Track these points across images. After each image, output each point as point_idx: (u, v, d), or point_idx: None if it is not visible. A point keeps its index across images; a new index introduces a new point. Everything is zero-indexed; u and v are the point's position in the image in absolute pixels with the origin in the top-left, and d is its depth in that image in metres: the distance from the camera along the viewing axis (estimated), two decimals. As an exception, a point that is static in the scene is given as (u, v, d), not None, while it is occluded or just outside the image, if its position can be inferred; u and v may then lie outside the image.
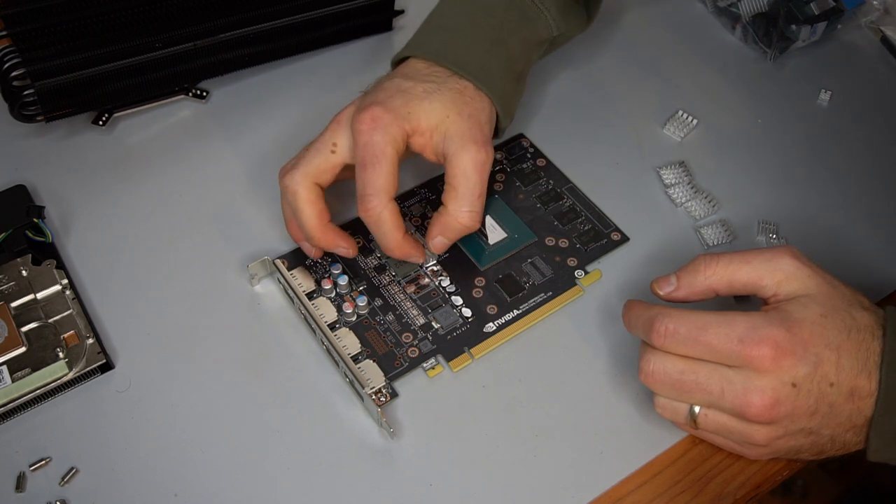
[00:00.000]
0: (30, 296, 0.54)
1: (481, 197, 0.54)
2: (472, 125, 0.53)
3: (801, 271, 0.47)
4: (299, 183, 0.53)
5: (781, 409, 0.45)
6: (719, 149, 0.65)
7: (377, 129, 0.52)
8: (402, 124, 0.52)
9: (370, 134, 0.51)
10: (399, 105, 0.53)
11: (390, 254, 0.54)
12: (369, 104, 0.53)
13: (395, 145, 0.52)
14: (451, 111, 0.53)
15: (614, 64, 0.71)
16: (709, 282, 0.48)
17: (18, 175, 0.62)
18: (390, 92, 0.53)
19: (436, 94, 0.53)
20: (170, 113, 0.67)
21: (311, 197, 0.53)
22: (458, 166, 0.53)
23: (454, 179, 0.53)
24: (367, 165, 0.51)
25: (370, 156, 0.51)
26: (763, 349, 0.44)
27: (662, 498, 0.50)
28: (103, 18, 0.60)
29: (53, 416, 0.52)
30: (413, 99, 0.53)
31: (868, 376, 0.45)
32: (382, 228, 0.53)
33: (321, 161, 0.53)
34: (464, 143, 0.53)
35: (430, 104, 0.53)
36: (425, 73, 0.55)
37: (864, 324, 0.46)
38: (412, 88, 0.54)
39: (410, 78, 0.55)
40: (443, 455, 0.51)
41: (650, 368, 0.47)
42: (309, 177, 0.53)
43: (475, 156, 0.53)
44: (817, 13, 0.69)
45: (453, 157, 0.53)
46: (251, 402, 0.52)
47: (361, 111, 0.52)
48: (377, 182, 0.51)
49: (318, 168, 0.53)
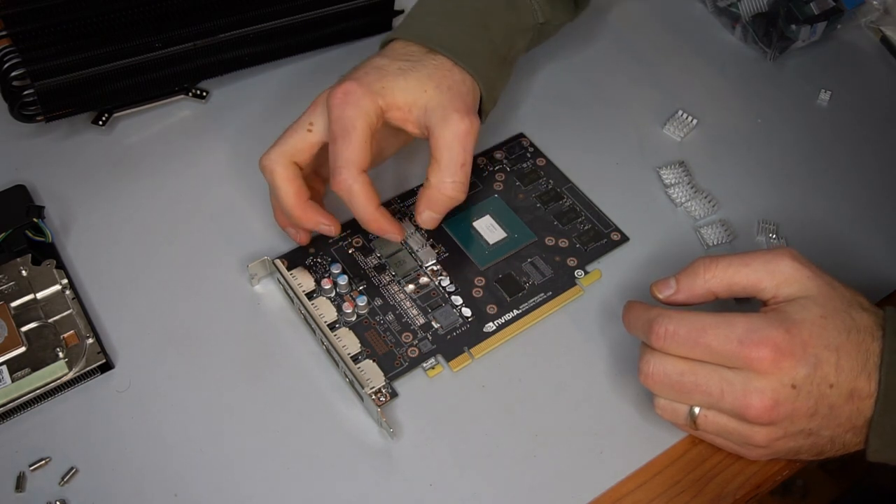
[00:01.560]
0: (30, 296, 0.54)
1: (465, 167, 0.53)
2: (453, 96, 0.53)
3: (800, 273, 0.47)
4: (276, 161, 0.53)
5: (781, 411, 0.45)
6: (719, 149, 0.65)
7: (348, 104, 0.52)
8: (375, 99, 0.52)
9: (342, 108, 0.52)
10: (372, 80, 0.53)
11: (366, 227, 0.54)
12: (343, 80, 0.53)
13: (366, 118, 0.52)
14: (428, 85, 0.53)
15: (614, 64, 0.71)
16: (708, 285, 0.48)
17: (18, 175, 0.62)
18: (366, 69, 0.54)
19: (411, 71, 0.54)
20: (170, 113, 0.67)
21: (287, 174, 0.53)
22: (441, 137, 0.52)
23: (437, 151, 0.53)
24: (337, 139, 0.52)
25: (341, 129, 0.52)
26: (763, 351, 0.44)
27: (662, 498, 0.50)
28: (103, 18, 0.60)
29: (53, 416, 0.52)
30: (387, 75, 0.53)
31: (868, 377, 0.45)
32: (354, 201, 0.53)
33: (297, 140, 0.54)
34: (445, 113, 0.52)
35: (406, 80, 0.53)
36: (402, 52, 0.55)
37: (864, 325, 0.46)
38: (387, 66, 0.54)
39: (386, 56, 0.55)
40: (443, 455, 0.51)
41: (650, 370, 0.47)
42: (285, 155, 0.54)
43: (456, 126, 0.52)
44: (817, 13, 0.69)
45: (435, 129, 0.53)
46: (251, 401, 0.52)
47: (335, 87, 0.53)
48: (347, 154, 0.51)
49: (295, 147, 0.54)
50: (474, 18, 0.58)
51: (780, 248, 0.48)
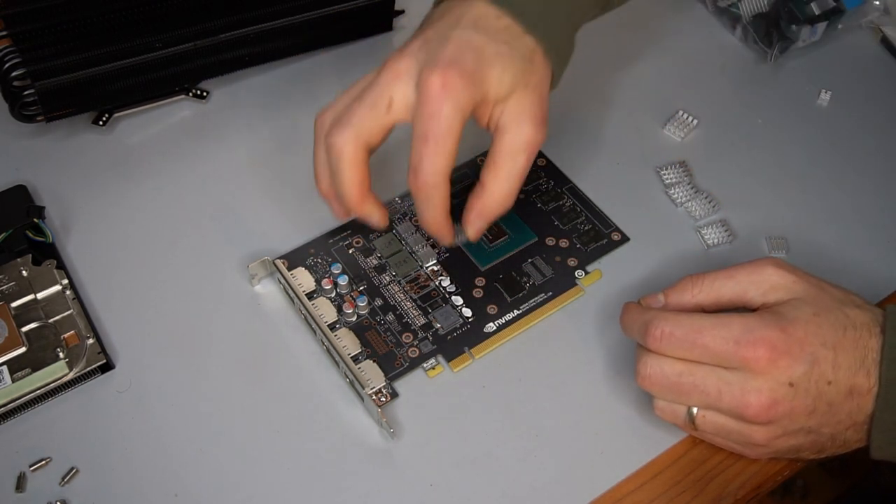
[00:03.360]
0: (30, 296, 0.54)
1: (522, 179, 0.50)
2: (534, 100, 0.49)
3: (785, 279, 0.47)
4: (349, 143, 0.48)
5: (779, 409, 0.45)
6: (719, 149, 0.65)
7: (448, 98, 0.46)
8: (475, 92, 0.47)
9: (440, 103, 0.46)
10: (472, 68, 0.47)
11: (424, 227, 0.51)
12: (440, 62, 0.47)
13: (463, 118, 0.47)
14: (519, 83, 0.48)
15: (615, 64, 0.71)
16: (696, 300, 0.49)
17: (18, 175, 0.62)
18: (460, 48, 0.47)
19: (508, 61, 0.48)
20: (170, 113, 0.67)
21: (356, 160, 0.49)
22: (510, 143, 0.49)
23: (500, 157, 0.49)
24: (429, 140, 0.47)
25: (436, 130, 0.46)
26: (759, 350, 0.44)
27: (662, 498, 0.50)
28: (103, 18, 0.60)
29: (53, 416, 0.52)
30: (485, 62, 0.47)
31: (867, 374, 0.45)
32: (430, 205, 0.49)
33: (374, 121, 0.48)
34: (521, 120, 0.48)
35: (503, 73, 0.48)
36: (496, 26, 0.49)
37: (860, 321, 0.46)
38: (485, 46, 0.47)
39: (481, 30, 0.48)
40: (443, 455, 0.51)
41: (647, 372, 0.47)
42: (361, 138, 0.48)
43: (530, 135, 0.49)
44: (818, 13, 0.69)
45: (506, 133, 0.49)
46: (251, 401, 0.52)
47: (433, 70, 0.46)
48: (439, 163, 0.47)
49: (371, 130, 0.48)
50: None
51: (762, 258, 0.48)
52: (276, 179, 0.59)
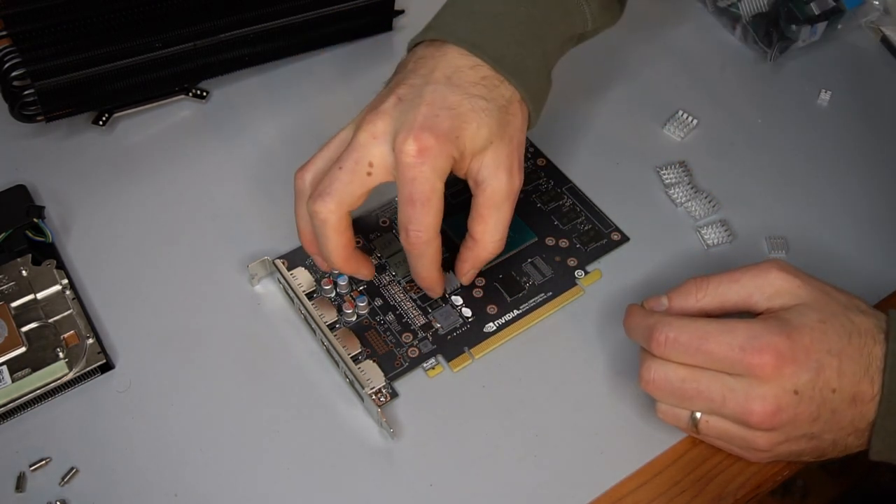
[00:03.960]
0: (30, 296, 0.54)
1: (508, 225, 0.52)
2: (511, 151, 0.51)
3: (790, 283, 0.47)
4: (333, 212, 0.49)
5: (783, 416, 0.45)
6: (719, 149, 0.65)
7: (426, 163, 0.47)
8: (451, 151, 0.48)
9: (420, 168, 0.47)
10: (447, 129, 0.48)
11: (417, 281, 0.54)
12: (413, 127, 0.47)
13: (443, 177, 0.48)
14: (495, 136, 0.50)
15: (614, 64, 0.71)
16: (700, 304, 0.48)
17: (18, 175, 0.62)
18: (435, 108, 0.48)
19: (484, 116, 0.49)
20: (170, 113, 0.67)
21: (340, 226, 0.50)
22: (491, 196, 0.50)
23: (485, 210, 0.51)
24: (416, 203, 0.48)
25: (420, 193, 0.48)
26: (765, 357, 0.44)
27: (662, 498, 0.50)
28: (103, 18, 0.60)
29: (53, 416, 0.52)
30: (461, 120, 0.48)
31: (871, 381, 0.45)
32: (423, 261, 0.51)
33: (357, 186, 0.49)
34: (499, 171, 0.50)
35: (478, 129, 0.49)
36: (471, 79, 0.50)
37: (865, 328, 0.46)
38: (460, 105, 0.49)
39: (455, 85, 0.49)
40: (443, 455, 0.50)
41: (651, 376, 0.47)
42: (344, 205, 0.49)
43: (508, 187, 0.50)
44: (817, 13, 0.69)
45: (486, 187, 0.50)
46: (251, 402, 0.52)
47: (407, 136, 0.47)
48: (427, 221, 0.49)
49: (353, 195, 0.49)
50: (531, 27, 0.53)
51: (767, 260, 0.48)
52: (277, 179, 0.59)
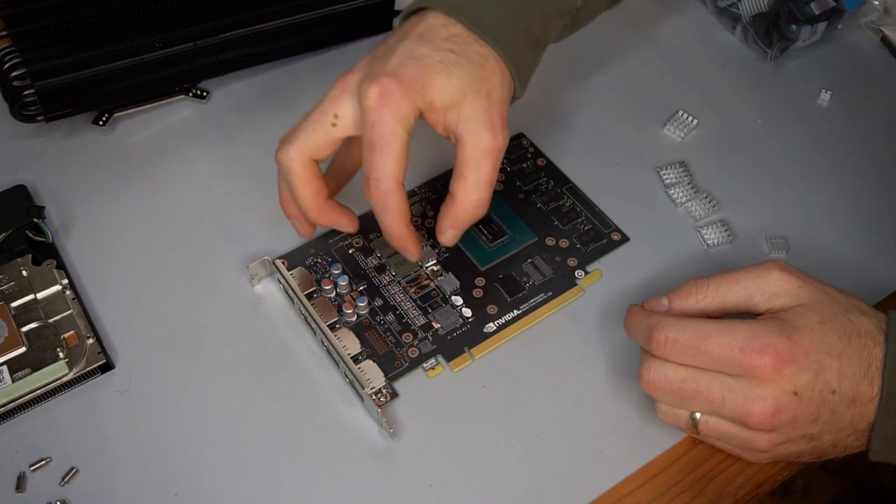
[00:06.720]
0: (30, 296, 0.54)
1: (491, 185, 0.50)
2: (490, 105, 0.49)
3: (790, 284, 0.47)
4: (294, 160, 0.50)
5: (783, 417, 0.45)
6: (719, 149, 0.65)
7: (387, 106, 0.47)
8: (415, 99, 0.47)
9: (379, 111, 0.47)
10: (413, 76, 0.47)
11: (389, 240, 0.52)
12: (379, 74, 0.48)
13: (405, 124, 0.47)
14: (468, 88, 0.48)
15: (614, 64, 0.71)
16: (700, 305, 0.48)
17: (18, 175, 0.62)
18: (402, 58, 0.48)
19: (454, 67, 0.48)
20: (170, 113, 0.67)
21: (306, 173, 0.50)
22: (470, 153, 0.49)
23: (465, 167, 0.49)
24: (375, 147, 0.47)
25: (379, 137, 0.47)
26: (764, 358, 0.44)
27: (662, 498, 0.50)
28: (103, 18, 0.60)
29: (53, 416, 0.52)
30: (428, 70, 0.48)
31: (870, 382, 0.45)
32: (387, 213, 0.49)
33: (320, 135, 0.50)
34: (478, 127, 0.49)
35: (447, 79, 0.48)
36: (443, 35, 0.50)
37: (865, 329, 0.46)
38: (428, 56, 0.48)
39: (426, 40, 0.49)
40: (443, 455, 0.51)
41: (650, 377, 0.47)
42: (306, 153, 0.50)
43: (489, 143, 0.49)
44: (817, 13, 0.69)
45: (466, 142, 0.49)
46: (251, 402, 0.52)
47: (370, 82, 0.47)
48: (388, 168, 0.48)
49: (317, 144, 0.50)
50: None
51: (767, 261, 0.48)
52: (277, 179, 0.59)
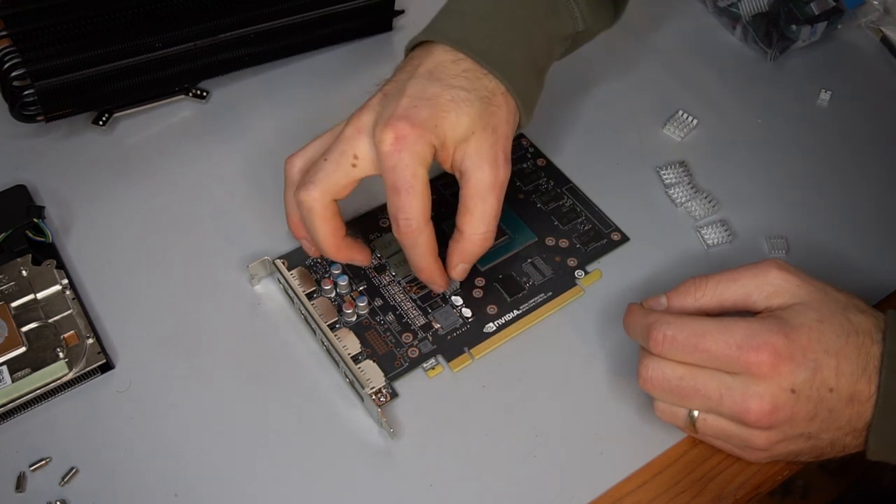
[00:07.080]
0: (30, 296, 0.54)
1: (496, 217, 0.52)
2: (495, 141, 0.51)
3: (788, 283, 0.47)
4: (317, 200, 0.50)
5: (780, 415, 0.45)
6: (719, 149, 0.65)
7: (404, 150, 0.48)
8: (430, 139, 0.49)
9: (398, 156, 0.48)
10: (426, 118, 0.49)
11: (417, 274, 0.54)
12: (391, 118, 0.49)
13: (424, 164, 0.49)
14: (477, 126, 0.50)
15: (614, 64, 0.71)
16: (699, 303, 0.48)
17: (18, 175, 0.62)
18: (414, 99, 0.49)
19: (464, 105, 0.50)
20: (170, 113, 0.67)
21: (327, 214, 0.51)
22: (475, 187, 0.50)
23: (470, 201, 0.51)
24: (400, 191, 0.49)
25: (402, 180, 0.48)
26: (762, 355, 0.44)
27: (662, 498, 0.50)
28: (103, 18, 0.60)
29: (53, 416, 0.52)
30: (440, 109, 0.49)
31: (868, 381, 0.45)
32: (417, 250, 0.51)
33: (341, 175, 0.50)
34: (482, 162, 0.50)
35: (458, 117, 0.49)
36: (452, 71, 0.51)
37: (863, 327, 0.46)
38: (439, 96, 0.50)
39: (436, 79, 0.50)
40: (443, 455, 0.51)
41: (649, 375, 0.47)
42: (328, 193, 0.50)
43: (492, 178, 0.50)
44: (817, 13, 0.69)
45: (470, 177, 0.50)
46: (251, 402, 0.52)
47: (385, 126, 0.49)
48: (414, 208, 0.49)
49: (338, 184, 0.50)
50: (516, 24, 0.54)
51: (766, 259, 0.48)
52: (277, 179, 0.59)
